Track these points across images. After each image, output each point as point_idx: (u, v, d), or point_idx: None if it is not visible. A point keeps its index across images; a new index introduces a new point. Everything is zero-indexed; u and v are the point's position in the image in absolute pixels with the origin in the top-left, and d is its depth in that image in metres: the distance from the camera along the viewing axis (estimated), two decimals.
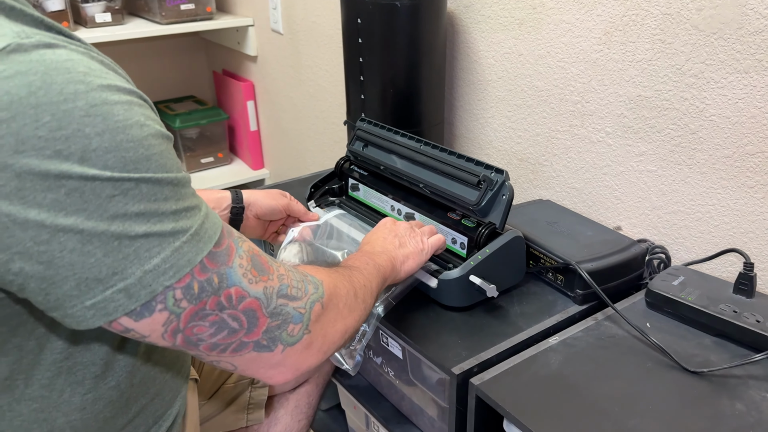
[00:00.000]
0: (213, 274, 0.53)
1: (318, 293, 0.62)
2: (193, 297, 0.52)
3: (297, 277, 0.61)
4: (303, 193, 1.13)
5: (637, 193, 1.02)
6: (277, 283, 0.58)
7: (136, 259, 0.48)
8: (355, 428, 1.14)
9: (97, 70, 0.49)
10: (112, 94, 0.48)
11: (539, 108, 1.14)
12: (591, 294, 0.88)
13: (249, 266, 0.56)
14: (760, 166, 0.85)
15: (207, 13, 1.97)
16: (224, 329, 0.54)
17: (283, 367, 0.60)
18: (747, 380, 0.73)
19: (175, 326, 0.52)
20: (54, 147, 0.44)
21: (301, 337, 0.59)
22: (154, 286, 0.49)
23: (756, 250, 0.88)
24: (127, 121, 0.48)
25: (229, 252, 0.55)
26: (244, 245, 0.57)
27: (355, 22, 1.13)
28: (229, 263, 0.54)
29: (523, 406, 0.69)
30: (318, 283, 0.63)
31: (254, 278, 0.56)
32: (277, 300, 0.57)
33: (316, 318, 0.61)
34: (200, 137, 2.23)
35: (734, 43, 0.83)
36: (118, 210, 0.47)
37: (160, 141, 0.51)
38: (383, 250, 0.82)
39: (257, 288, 0.56)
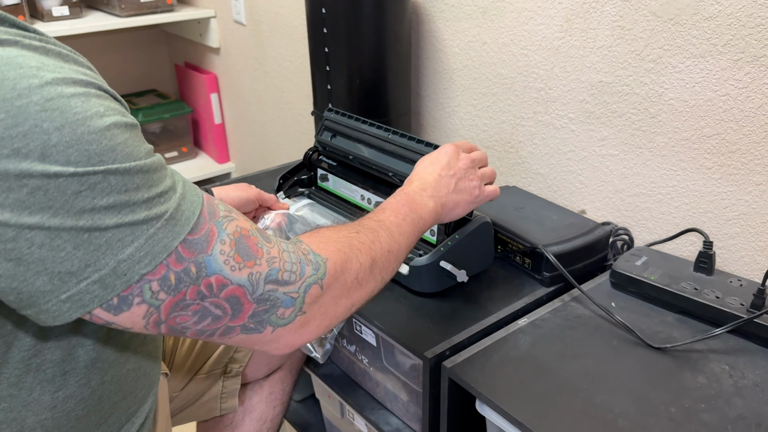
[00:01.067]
0: (190, 264, 0.51)
1: (318, 274, 0.59)
2: (170, 288, 0.50)
3: (293, 258, 0.58)
4: (271, 184, 1.13)
5: (600, 177, 1.05)
6: (265, 268, 0.55)
7: (108, 250, 0.47)
8: (330, 417, 1.14)
9: (51, 64, 0.47)
10: (68, 86, 0.47)
11: (504, 96, 1.16)
12: (558, 276, 0.90)
13: (232, 252, 0.54)
14: (717, 148, 0.88)
15: (167, 5, 1.94)
16: (207, 317, 0.53)
17: (277, 344, 0.59)
18: (708, 354, 0.76)
19: (157, 318, 0.51)
20: (11, 145, 0.43)
21: (293, 318, 0.57)
22: (129, 275, 0.48)
23: (714, 229, 0.91)
24: (86, 112, 0.47)
25: (209, 238, 0.53)
26: (230, 226, 0.55)
27: (320, 12, 1.13)
28: (208, 250, 0.52)
29: (494, 386, 0.71)
30: (320, 262, 0.60)
31: (238, 264, 0.54)
32: (264, 286, 0.55)
33: (312, 300, 0.58)
34: (163, 131, 2.20)
35: (690, 28, 0.86)
36: (85, 205, 0.46)
37: (123, 129, 0.49)
38: (434, 192, 0.75)
39: (241, 275, 0.54)
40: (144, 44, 2.34)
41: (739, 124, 0.84)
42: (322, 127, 1.10)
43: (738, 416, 0.66)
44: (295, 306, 0.57)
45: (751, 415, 0.66)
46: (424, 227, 0.73)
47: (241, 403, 0.98)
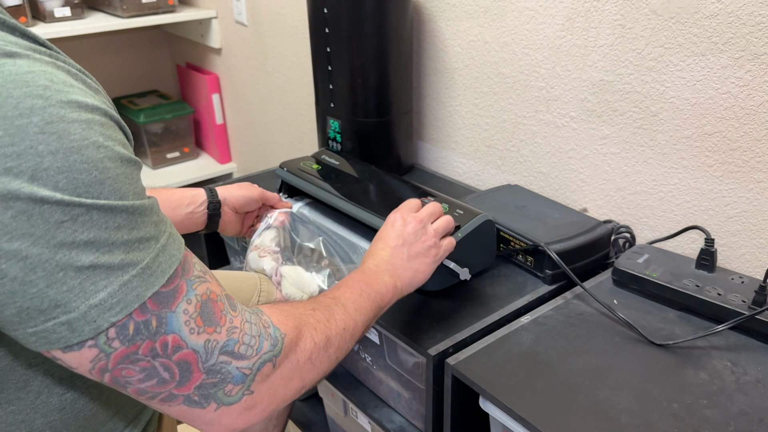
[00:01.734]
0: (152, 317, 0.49)
1: (274, 351, 0.57)
2: (126, 338, 0.49)
3: (253, 332, 0.56)
4: (273, 184, 1.14)
5: (602, 176, 1.05)
6: (224, 338, 0.53)
7: (81, 293, 0.46)
8: (333, 416, 1.15)
9: (60, 83, 0.46)
10: (72, 111, 0.46)
11: (505, 95, 1.16)
12: (560, 274, 0.91)
13: (195, 313, 0.52)
14: (719, 146, 0.88)
15: (169, 6, 1.95)
16: (154, 377, 0.51)
17: (217, 426, 0.56)
18: (710, 351, 0.76)
19: (103, 365, 0.49)
20: (4, 164, 0.42)
21: (240, 398, 0.55)
22: (99, 323, 0.47)
23: (716, 227, 0.91)
24: (84, 141, 0.45)
25: (177, 294, 0.51)
26: (201, 288, 0.53)
27: (322, 12, 1.13)
28: (173, 307, 0.51)
29: (498, 383, 0.71)
30: (279, 338, 0.58)
31: (197, 328, 0.52)
32: (218, 356, 0.53)
33: (263, 378, 0.56)
34: (165, 132, 2.20)
35: (691, 27, 0.86)
36: (65, 237, 0.45)
37: (118, 164, 0.48)
38: (388, 267, 0.74)
39: (198, 339, 0.52)
40: (145, 45, 2.35)
41: (740, 122, 0.85)
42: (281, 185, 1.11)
43: (740, 412, 0.66)
44: (244, 383, 0.55)
45: (753, 411, 0.66)
46: (383, 303, 0.72)
47: None
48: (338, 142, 1.24)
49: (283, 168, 1.09)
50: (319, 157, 1.14)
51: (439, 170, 1.36)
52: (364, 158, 1.18)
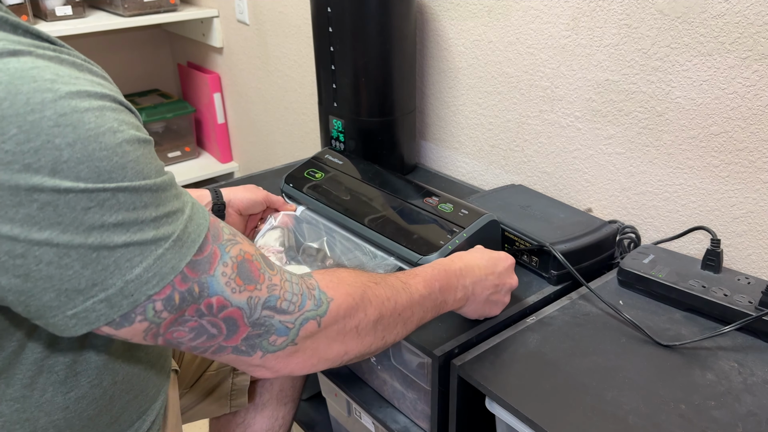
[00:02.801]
0: (194, 284, 0.51)
1: (318, 311, 0.59)
2: (173, 308, 0.51)
3: (294, 289, 0.58)
4: (276, 184, 1.13)
5: (607, 176, 1.05)
6: (265, 294, 0.55)
7: (116, 270, 0.47)
8: (337, 416, 1.15)
9: (66, 75, 0.46)
10: (82, 100, 0.46)
11: (509, 94, 1.16)
12: (565, 274, 0.90)
13: (234, 274, 0.54)
14: (725, 146, 0.88)
15: (170, 5, 1.94)
16: (203, 334, 0.54)
17: (262, 369, 0.58)
18: (716, 351, 0.76)
19: (155, 331, 0.52)
20: (23, 160, 0.43)
21: (284, 347, 0.57)
22: (136, 296, 0.48)
23: (722, 227, 0.91)
24: (99, 128, 0.46)
25: (212, 259, 0.53)
26: (234, 249, 0.55)
27: (325, 12, 1.13)
28: (211, 271, 0.52)
29: (504, 384, 0.71)
30: (324, 300, 0.59)
31: (238, 287, 0.54)
32: (261, 311, 0.55)
33: (307, 334, 0.58)
34: (166, 131, 2.20)
35: (698, 26, 0.86)
36: (95, 222, 0.46)
37: (136, 146, 0.49)
38: (471, 285, 0.75)
39: (241, 297, 0.54)
40: (147, 44, 2.34)
41: (746, 122, 0.84)
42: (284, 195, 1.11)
43: (748, 413, 0.66)
44: (288, 336, 0.57)
45: (761, 412, 0.66)
46: (443, 310, 0.73)
47: (251, 400, 0.98)
48: (341, 142, 1.24)
49: (289, 184, 1.09)
50: (322, 157, 1.13)
51: (443, 170, 1.35)
52: (367, 158, 1.17)
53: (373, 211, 0.96)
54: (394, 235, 0.91)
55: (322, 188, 1.05)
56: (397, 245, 0.89)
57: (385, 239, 0.90)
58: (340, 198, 1.01)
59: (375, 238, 0.92)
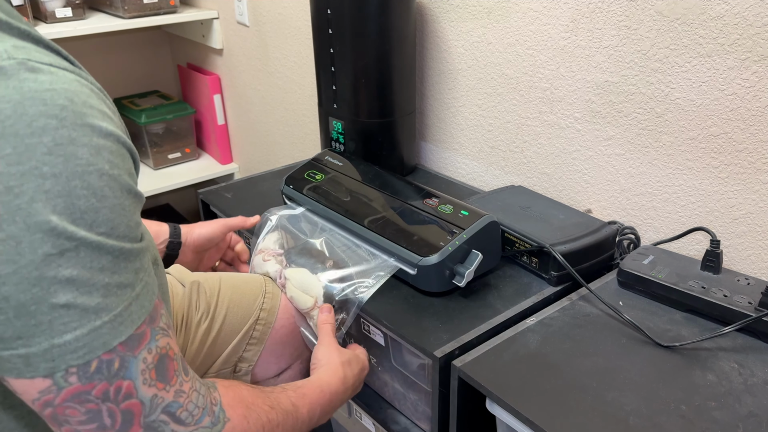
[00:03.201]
0: (117, 358, 0.49)
1: (212, 429, 0.57)
2: (85, 375, 0.47)
3: (199, 402, 0.56)
4: (276, 185, 1.13)
5: (606, 177, 1.05)
6: (170, 397, 0.53)
7: (48, 330, 0.45)
8: (337, 417, 1.15)
9: (80, 104, 0.45)
10: (84, 135, 0.45)
11: (509, 96, 1.16)
12: (565, 275, 0.91)
13: (152, 365, 0.52)
14: (724, 147, 0.88)
15: (170, 7, 1.94)
16: (95, 422, 0.50)
17: None
18: (717, 352, 0.76)
19: (50, 399, 0.47)
20: (7, 182, 0.42)
21: None
22: (57, 363, 0.46)
23: (721, 228, 0.91)
24: (89, 166, 0.45)
25: (142, 340, 0.51)
26: (162, 341, 0.53)
27: (325, 13, 1.13)
28: (136, 352, 0.50)
29: (505, 385, 0.71)
30: (221, 418, 0.58)
31: (150, 380, 0.51)
32: (160, 414, 0.53)
33: None
34: (166, 132, 2.20)
35: (697, 28, 0.86)
36: (48, 272, 0.44)
37: (119, 194, 0.47)
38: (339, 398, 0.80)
39: (148, 392, 0.51)
40: (147, 45, 2.35)
41: (746, 123, 0.85)
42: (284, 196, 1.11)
43: (749, 414, 0.66)
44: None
45: (762, 413, 0.66)
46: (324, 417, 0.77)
47: None
48: (341, 143, 1.24)
49: (289, 185, 1.09)
50: (322, 159, 1.13)
51: (442, 171, 1.35)
52: (367, 159, 1.17)
53: (373, 212, 0.96)
54: (394, 236, 0.91)
55: (322, 189, 1.05)
56: (398, 246, 0.89)
57: (386, 240, 0.91)
58: (341, 199, 1.01)
59: (375, 239, 0.92)
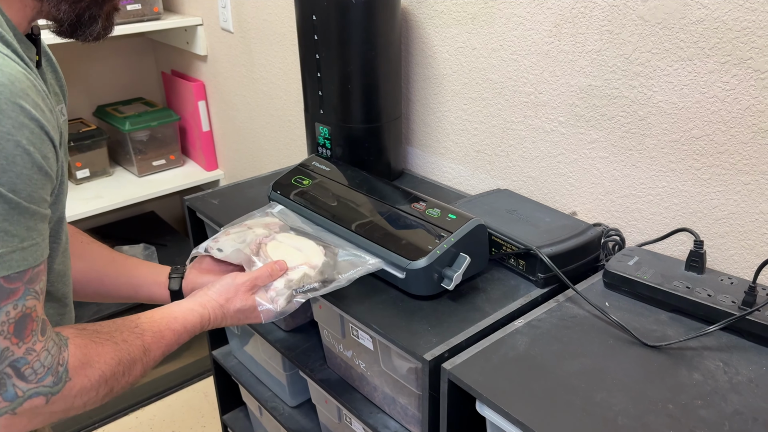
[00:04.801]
0: None
1: (53, 388, 0.60)
2: None
3: (46, 362, 0.59)
4: (263, 191, 1.13)
5: (591, 179, 1.06)
6: (20, 354, 0.57)
7: None
8: (327, 423, 1.14)
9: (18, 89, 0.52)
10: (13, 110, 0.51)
11: (494, 100, 1.17)
12: (552, 277, 0.91)
13: (12, 321, 0.56)
14: (706, 149, 0.89)
15: (154, 14, 1.94)
16: None
17: None
18: (702, 351, 0.77)
19: None
20: None
21: (1, 414, 0.58)
22: None
23: (705, 229, 0.93)
24: (7, 135, 0.51)
25: (12, 295, 0.55)
26: (30, 302, 0.57)
27: (311, 19, 1.14)
28: (2, 303, 0.55)
29: (494, 387, 0.71)
30: (63, 378, 0.61)
31: (6, 333, 0.56)
32: (5, 367, 0.57)
33: (31, 407, 0.59)
34: (151, 139, 2.18)
35: (678, 32, 0.87)
36: None
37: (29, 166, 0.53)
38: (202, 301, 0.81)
39: (1, 343, 0.56)
40: (130, 52, 2.33)
41: (726, 126, 0.86)
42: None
43: (734, 411, 0.67)
44: (12, 404, 0.58)
45: (747, 411, 0.67)
46: (194, 330, 0.79)
47: None
48: (328, 149, 1.24)
49: (276, 191, 1.09)
50: (309, 164, 1.14)
51: (429, 175, 1.36)
52: (354, 164, 1.18)
53: (361, 216, 0.97)
54: (382, 240, 0.91)
55: (309, 195, 1.05)
56: (386, 251, 0.89)
57: (374, 245, 0.91)
58: (328, 204, 1.01)
59: (363, 243, 0.92)
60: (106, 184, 2.12)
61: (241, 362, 1.39)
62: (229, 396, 1.51)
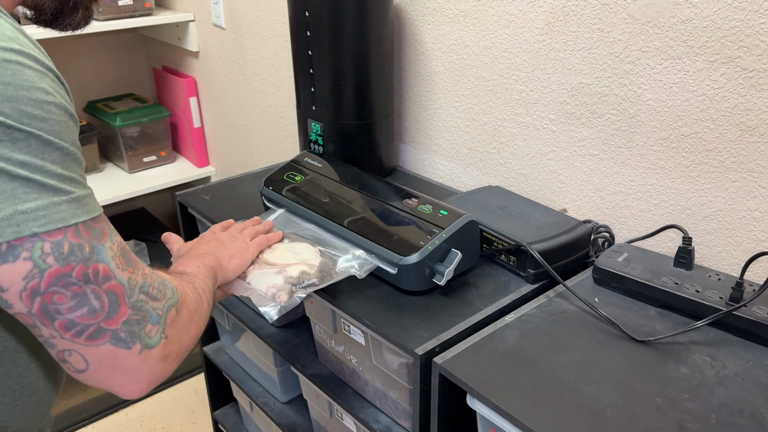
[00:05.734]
0: (86, 243, 0.54)
1: (174, 299, 0.63)
2: (61, 256, 0.52)
3: (158, 280, 0.62)
4: (255, 187, 1.13)
5: (581, 176, 1.07)
6: (141, 279, 0.59)
7: (11, 197, 0.49)
8: (318, 418, 1.15)
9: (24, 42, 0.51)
10: (29, 60, 0.51)
11: (486, 98, 1.18)
12: (542, 273, 0.92)
13: (118, 253, 0.57)
14: (695, 146, 0.90)
15: (146, 9, 1.93)
16: (85, 305, 0.54)
17: (139, 375, 0.58)
18: (690, 346, 0.78)
19: (36, 284, 0.52)
20: None
21: (159, 341, 0.60)
22: (21, 228, 0.50)
23: (693, 225, 0.94)
24: (35, 84, 0.51)
25: (104, 232, 0.56)
26: (117, 237, 0.59)
27: (303, 15, 1.14)
28: (102, 241, 0.55)
29: (485, 381, 0.72)
30: (174, 288, 0.64)
31: (121, 265, 0.57)
32: (139, 294, 0.58)
33: (171, 322, 0.62)
34: (142, 135, 2.18)
35: (668, 30, 0.88)
36: (2, 152, 0.48)
37: (63, 113, 0.53)
38: (208, 251, 0.83)
39: (123, 275, 0.57)
40: (122, 48, 2.32)
41: (715, 123, 0.87)
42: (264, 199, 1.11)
43: (721, 404, 0.68)
44: (160, 324, 0.60)
45: (733, 404, 0.68)
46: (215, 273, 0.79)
47: None
48: (320, 145, 1.24)
49: (268, 187, 1.09)
50: (301, 160, 1.14)
51: (421, 172, 1.37)
52: (346, 161, 1.18)
53: (353, 212, 0.97)
54: (374, 236, 0.92)
55: (301, 191, 1.05)
56: (378, 246, 0.90)
57: (366, 240, 0.91)
58: (321, 200, 1.02)
59: (355, 239, 0.93)
60: (96, 180, 2.11)
61: (232, 358, 1.39)
62: (220, 392, 1.52)
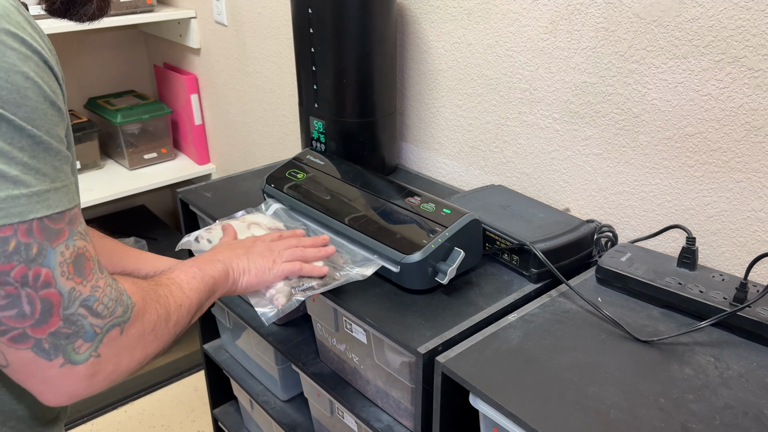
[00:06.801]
0: (35, 243, 0.51)
1: (124, 317, 0.59)
2: (4, 254, 0.50)
3: (112, 295, 0.58)
4: (257, 185, 1.13)
5: (584, 176, 1.07)
6: (87, 292, 0.56)
7: None
8: (319, 417, 1.15)
9: (14, 20, 0.50)
10: (15, 42, 0.49)
11: (489, 96, 1.17)
12: (545, 272, 0.92)
13: (70, 260, 0.54)
14: (699, 146, 0.90)
15: (147, 5, 1.93)
16: (15, 308, 0.52)
17: (57, 387, 0.56)
18: (693, 346, 0.78)
19: None
20: None
21: (87, 358, 0.56)
22: None
23: (697, 226, 0.93)
24: (15, 67, 0.49)
25: (60, 235, 0.53)
26: (79, 242, 0.56)
27: (306, 13, 1.13)
28: (54, 244, 0.53)
29: (488, 380, 0.72)
30: (129, 305, 0.60)
31: (68, 273, 0.54)
32: (78, 307, 0.55)
33: (109, 341, 0.58)
34: (142, 132, 2.17)
35: (673, 30, 0.88)
36: None
37: (43, 100, 0.51)
38: (223, 258, 0.80)
39: (66, 284, 0.54)
40: (123, 44, 2.32)
41: (720, 123, 0.87)
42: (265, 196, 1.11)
43: (725, 406, 0.67)
44: (93, 342, 0.56)
45: (737, 405, 0.68)
46: (216, 285, 0.76)
47: None
48: (322, 143, 1.24)
49: (270, 184, 1.08)
50: (303, 158, 1.13)
51: (423, 171, 1.36)
52: (348, 159, 1.18)
53: (355, 210, 0.97)
54: (377, 234, 0.91)
55: (303, 188, 1.05)
56: (381, 245, 0.89)
57: (368, 239, 0.91)
58: (323, 198, 1.01)
59: (358, 237, 0.92)
60: (96, 177, 2.10)
61: (233, 356, 1.39)
62: (220, 390, 1.51)
